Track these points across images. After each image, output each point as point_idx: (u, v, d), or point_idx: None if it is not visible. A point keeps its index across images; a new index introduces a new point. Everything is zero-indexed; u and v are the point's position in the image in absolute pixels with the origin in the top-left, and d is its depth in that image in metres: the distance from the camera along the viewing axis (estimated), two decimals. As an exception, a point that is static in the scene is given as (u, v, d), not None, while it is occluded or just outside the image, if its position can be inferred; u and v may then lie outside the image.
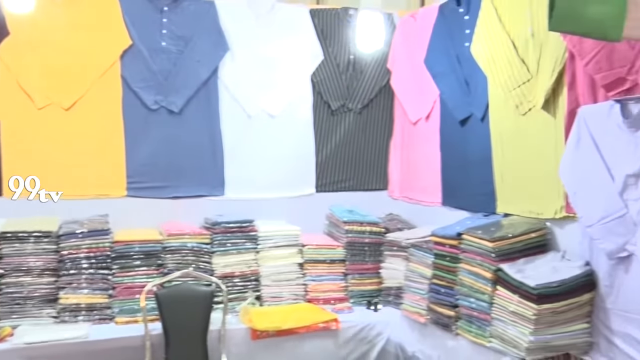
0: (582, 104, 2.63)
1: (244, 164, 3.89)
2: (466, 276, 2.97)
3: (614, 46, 2.40)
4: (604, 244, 2.49)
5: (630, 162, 2.38)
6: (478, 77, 3.25)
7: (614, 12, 1.84)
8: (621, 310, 2.45)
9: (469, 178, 3.43)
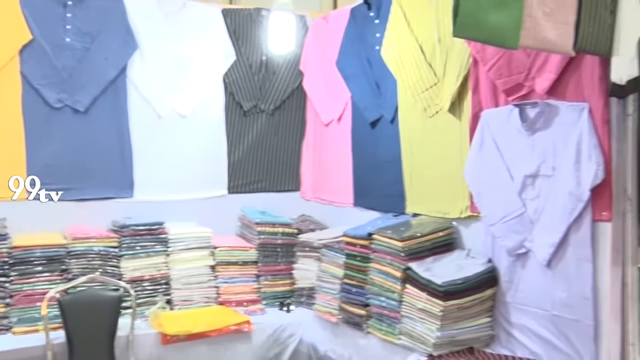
0: (484, 107, 2.75)
1: (154, 165, 3.79)
2: (377, 275, 3.03)
3: (512, 53, 2.52)
4: (504, 242, 2.62)
5: (527, 164, 2.51)
6: (388, 79, 3.33)
7: (511, 22, 1.94)
8: (519, 303, 2.59)
9: (380, 179, 3.50)
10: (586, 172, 2.30)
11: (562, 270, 2.41)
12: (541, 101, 2.46)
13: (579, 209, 2.33)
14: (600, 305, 2.28)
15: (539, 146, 2.48)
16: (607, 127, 2.26)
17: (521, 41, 1.99)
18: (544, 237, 2.46)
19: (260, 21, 4.04)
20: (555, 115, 2.42)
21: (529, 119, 2.51)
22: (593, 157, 2.28)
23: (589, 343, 2.30)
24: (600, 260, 2.28)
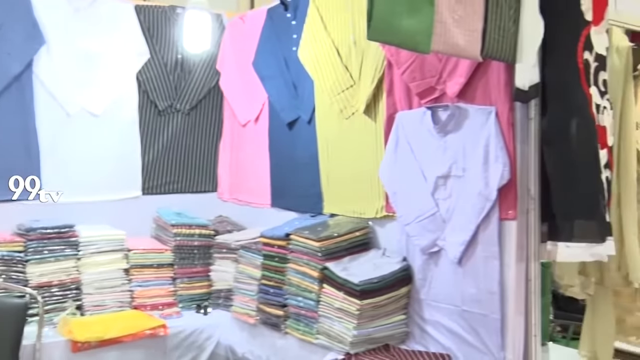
0: (399, 109, 2.82)
1: (63, 165, 3.63)
2: (294, 276, 3.04)
3: (425, 58, 2.59)
4: (418, 241, 2.70)
5: (439, 165, 2.60)
6: (305, 80, 3.34)
7: (423, 27, 2.00)
8: (432, 300, 2.67)
9: (297, 180, 3.51)
10: (493, 173, 2.40)
11: (471, 267, 2.50)
12: (452, 104, 2.54)
13: (487, 208, 2.43)
14: (506, 300, 2.38)
15: (450, 148, 2.57)
16: (512, 129, 2.37)
17: (432, 46, 2.05)
18: (455, 235, 2.55)
19: (175, 19, 3.96)
20: (465, 118, 2.51)
21: (440, 122, 2.60)
22: (500, 158, 2.38)
23: (495, 336, 2.40)
24: (506, 257, 2.39)
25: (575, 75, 2.20)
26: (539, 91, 2.25)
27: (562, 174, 2.22)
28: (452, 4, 2.09)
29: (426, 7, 2.02)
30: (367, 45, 2.94)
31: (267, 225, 3.39)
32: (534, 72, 2.22)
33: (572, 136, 2.21)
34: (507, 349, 2.38)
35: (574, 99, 2.22)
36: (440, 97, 2.62)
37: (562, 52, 2.22)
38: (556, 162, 2.24)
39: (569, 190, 2.23)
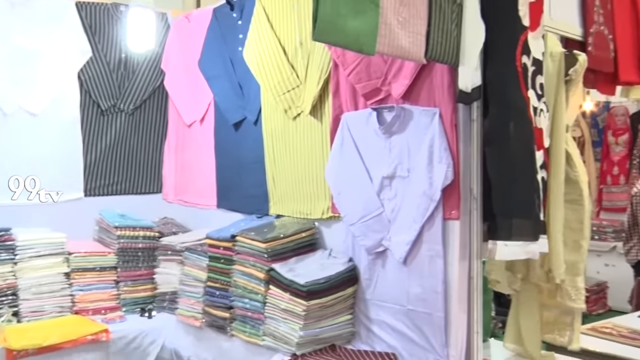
0: (345, 110, 2.84)
1: (0, 166, 3.52)
2: (240, 277, 3.02)
3: (370, 59, 2.62)
4: (364, 241, 2.72)
5: (385, 165, 2.62)
6: (251, 81, 3.32)
7: (368, 28, 2.02)
8: (378, 300, 2.69)
9: (243, 180, 3.49)
10: (438, 174, 2.44)
11: (416, 266, 2.54)
12: (397, 105, 2.57)
13: (432, 208, 2.47)
14: (449, 298, 2.42)
15: (395, 148, 2.60)
16: (455, 131, 2.42)
17: (377, 47, 2.07)
18: (400, 235, 2.58)
19: (119, 17, 3.88)
20: (410, 119, 2.55)
21: (386, 123, 2.62)
22: (443, 159, 2.42)
23: (439, 334, 2.44)
24: (449, 256, 2.43)
25: (514, 78, 2.27)
26: (481, 93, 2.30)
27: (502, 174, 2.28)
28: (396, 6, 2.12)
29: (371, 9, 2.04)
30: (313, 46, 2.95)
31: (213, 227, 3.35)
32: (476, 74, 2.27)
33: (511, 137, 2.27)
34: (450, 346, 2.42)
35: (513, 101, 2.28)
36: (386, 98, 2.65)
37: (502, 56, 2.27)
38: (496, 162, 2.29)
39: (508, 190, 2.28)
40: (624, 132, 7.71)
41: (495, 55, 2.29)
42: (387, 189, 2.63)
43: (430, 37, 2.20)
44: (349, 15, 2.01)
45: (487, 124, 2.32)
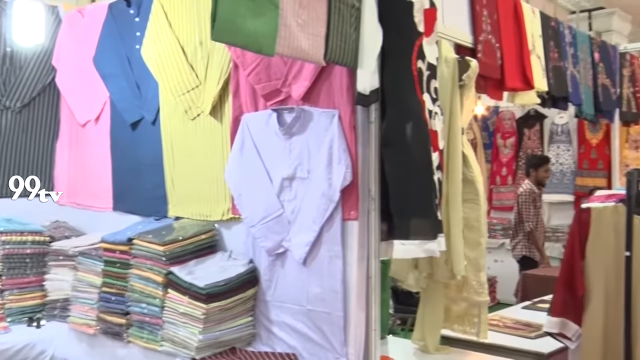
0: (245, 111, 2.82)
1: None
2: (137, 282, 2.93)
3: (271, 60, 2.62)
4: (264, 242, 2.71)
5: (285, 166, 2.63)
6: (149, 80, 3.23)
7: (268, 29, 2.02)
8: (278, 301, 2.69)
9: (141, 182, 3.38)
10: (337, 175, 2.47)
11: (316, 267, 2.56)
12: (297, 107, 2.59)
13: (331, 209, 2.50)
14: (348, 298, 2.47)
15: (295, 150, 2.61)
16: (354, 132, 2.47)
17: (277, 49, 2.08)
18: (300, 236, 2.59)
19: (4, 8, 3.65)
20: (310, 121, 2.57)
21: (286, 124, 2.63)
22: (343, 160, 2.46)
23: (339, 333, 2.47)
24: (348, 256, 2.48)
25: (410, 82, 2.34)
26: (379, 96, 2.36)
27: (399, 175, 2.35)
28: (296, 8, 2.13)
29: (270, 11, 2.05)
30: (213, 46, 2.91)
31: (108, 230, 3.23)
32: (374, 77, 2.33)
33: (408, 139, 2.34)
34: (349, 345, 2.46)
35: (410, 104, 2.36)
36: (286, 99, 2.66)
37: (398, 60, 2.35)
38: (394, 164, 2.36)
39: (405, 191, 2.35)
40: (511, 135, 8.18)
41: (392, 59, 2.36)
42: (287, 190, 2.64)
43: (330, 39, 2.23)
44: (248, 16, 2.00)
45: (385, 126, 2.38)
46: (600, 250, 2.84)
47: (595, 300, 2.82)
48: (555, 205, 7.74)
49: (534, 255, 6.49)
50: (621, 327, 2.74)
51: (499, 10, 3.28)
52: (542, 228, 6.77)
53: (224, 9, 1.94)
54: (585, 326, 2.84)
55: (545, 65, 3.63)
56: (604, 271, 2.82)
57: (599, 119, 4.62)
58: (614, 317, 2.78)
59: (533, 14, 3.62)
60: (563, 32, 3.95)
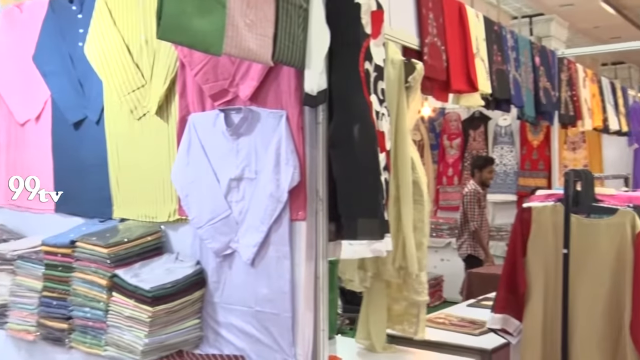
0: (192, 111, 2.78)
1: None
2: (80, 285, 2.85)
3: (218, 60, 2.60)
4: (211, 244, 2.69)
5: (232, 167, 2.61)
6: (93, 78, 3.15)
7: (215, 29, 2.00)
8: (226, 303, 2.67)
9: (84, 183, 3.30)
10: (285, 175, 2.47)
11: (264, 268, 2.56)
12: (244, 107, 2.58)
13: (279, 209, 2.50)
14: (296, 298, 2.47)
15: (243, 150, 2.60)
16: (302, 133, 2.47)
17: (224, 48, 2.07)
18: (248, 237, 2.58)
19: (-63, 2, 3.50)
20: (257, 121, 2.56)
21: (233, 124, 2.62)
22: (290, 161, 2.46)
23: (287, 333, 2.47)
24: (296, 256, 2.48)
25: (357, 83, 2.36)
26: (327, 97, 2.37)
27: (347, 176, 2.37)
28: (243, 8, 2.13)
29: (217, 9, 2.03)
30: (159, 45, 2.86)
31: (50, 233, 3.14)
32: (322, 78, 2.34)
33: (355, 140, 2.36)
34: (298, 345, 2.46)
35: (357, 105, 2.38)
36: (234, 99, 2.64)
37: (345, 61, 2.36)
38: (341, 164, 2.37)
39: (353, 191, 2.38)
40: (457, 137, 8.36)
41: (340, 60, 2.38)
42: (235, 191, 2.63)
43: (277, 39, 2.23)
44: (194, 14, 1.98)
45: (332, 127, 2.40)
46: (540, 248, 2.94)
47: (535, 297, 2.92)
48: (499, 205, 7.95)
49: (479, 254, 6.66)
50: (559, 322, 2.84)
51: (445, 14, 3.35)
52: (487, 227, 6.95)
53: (170, 7, 1.92)
54: (526, 321, 2.94)
55: (489, 68, 3.72)
56: (543, 268, 2.92)
57: (540, 121, 4.77)
58: (552, 312, 2.88)
59: (477, 18, 3.71)
60: (505, 36, 4.06)
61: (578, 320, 2.81)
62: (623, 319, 2.72)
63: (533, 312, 2.90)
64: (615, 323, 2.75)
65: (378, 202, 2.42)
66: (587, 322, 2.80)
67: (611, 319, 2.76)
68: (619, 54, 17.26)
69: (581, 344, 2.80)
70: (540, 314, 2.88)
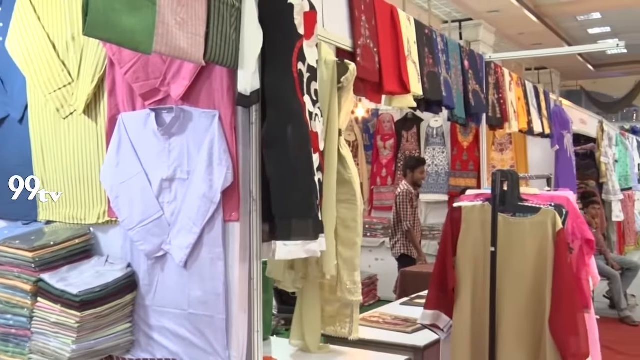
0: (122, 110, 2.72)
1: None
2: (3, 292, 2.73)
3: (149, 58, 2.54)
4: (143, 246, 2.63)
5: (164, 167, 2.57)
6: (16, 75, 3.02)
7: (145, 26, 1.96)
8: (158, 306, 2.62)
9: (7, 184, 3.16)
10: (217, 176, 2.45)
11: (197, 269, 2.52)
12: (176, 107, 2.53)
13: (212, 210, 2.47)
14: (230, 300, 2.45)
15: (175, 150, 2.56)
16: (235, 133, 2.45)
17: (155, 47, 2.03)
18: (180, 239, 2.54)
19: None
20: (190, 121, 2.52)
21: (165, 124, 2.57)
22: (223, 161, 2.44)
23: (221, 336, 2.45)
24: (230, 257, 2.46)
25: (290, 83, 2.37)
26: (260, 97, 2.37)
27: (280, 177, 2.37)
28: (174, 6, 2.09)
29: (147, 7, 1.99)
30: (87, 42, 2.78)
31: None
32: (255, 78, 2.33)
33: (288, 141, 2.36)
34: (232, 347, 2.44)
35: (290, 105, 2.38)
36: (165, 99, 2.60)
37: (279, 62, 2.36)
38: (275, 165, 2.37)
39: (287, 192, 2.38)
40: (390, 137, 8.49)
41: (273, 60, 2.37)
42: (167, 192, 2.58)
43: (209, 39, 2.21)
44: (123, 11, 1.93)
45: (266, 128, 2.39)
46: (470, 246, 3.02)
47: (464, 293, 3.00)
48: (431, 205, 8.13)
49: (412, 253, 6.78)
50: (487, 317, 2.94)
51: (377, 16, 3.40)
52: (419, 227, 7.09)
53: (97, 3, 1.86)
54: (456, 317, 3.02)
55: (421, 71, 3.80)
56: (472, 266, 3.01)
57: (469, 122, 4.91)
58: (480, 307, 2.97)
59: (409, 21, 3.78)
60: (436, 39, 4.16)
61: (504, 315, 2.91)
62: (544, 314, 2.83)
63: (462, 308, 2.99)
64: (538, 318, 2.86)
65: (312, 203, 2.43)
66: (512, 317, 2.91)
67: (534, 315, 2.88)
68: (542, 60, 18.09)
69: (507, 339, 2.91)
70: (469, 310, 2.97)
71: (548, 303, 2.82)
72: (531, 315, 2.87)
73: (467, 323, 2.96)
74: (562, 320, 2.79)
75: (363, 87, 3.26)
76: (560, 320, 2.78)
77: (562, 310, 2.78)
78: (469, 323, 2.96)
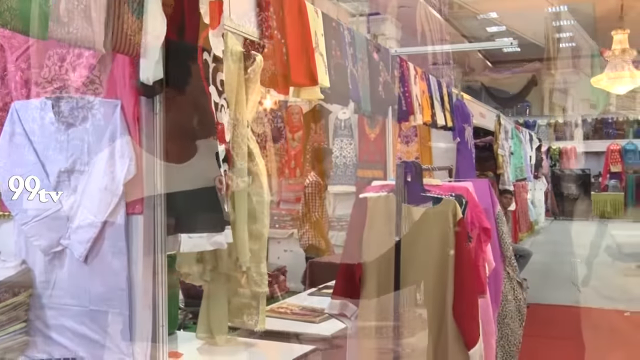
0: (15, 99, 2.58)
1: None
2: None
3: (45, 44, 2.43)
4: (39, 241, 2.51)
5: (62, 159, 2.46)
6: None
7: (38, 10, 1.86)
8: (57, 303, 2.51)
9: None
10: (120, 168, 2.36)
11: (99, 264, 2.43)
12: (76, 96, 2.43)
13: (114, 203, 2.39)
14: (134, 295, 2.38)
15: (73, 141, 2.45)
16: (138, 124, 2.38)
17: (50, 33, 1.93)
18: (80, 233, 2.44)
19: None
20: (89, 111, 2.42)
21: (63, 114, 2.45)
22: (126, 153, 2.36)
23: (125, 332, 2.38)
24: (133, 251, 2.39)
25: (195, 73, 2.32)
26: (164, 87, 2.30)
27: (185, 168, 2.32)
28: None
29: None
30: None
31: None
32: (158, 67, 2.26)
33: (194, 132, 2.32)
34: (136, 343, 2.38)
35: (196, 96, 2.34)
36: (63, 87, 2.48)
37: (183, 51, 2.31)
38: (180, 156, 2.32)
39: (192, 184, 2.33)
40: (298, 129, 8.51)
41: (177, 49, 2.32)
42: (66, 184, 2.47)
43: (110, 26, 2.12)
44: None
45: (171, 118, 2.33)
46: (375, 236, 3.09)
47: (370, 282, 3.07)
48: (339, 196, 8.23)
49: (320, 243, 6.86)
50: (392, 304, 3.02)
51: (285, 8, 3.39)
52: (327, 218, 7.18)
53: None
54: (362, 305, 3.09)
55: (328, 63, 3.83)
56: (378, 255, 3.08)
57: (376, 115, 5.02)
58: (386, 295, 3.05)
59: (316, 14, 3.80)
60: (343, 32, 4.21)
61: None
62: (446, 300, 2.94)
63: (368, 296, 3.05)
64: (441, 305, 2.97)
65: (216, 195, 2.40)
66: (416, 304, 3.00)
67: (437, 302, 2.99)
68: (446, 55, 18.71)
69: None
70: (375, 298, 3.04)
71: (450, 290, 2.93)
72: (434, 302, 2.98)
73: (372, 311, 3.03)
74: (464, 306, 2.91)
75: (270, 78, 3.25)
76: (462, 307, 2.91)
77: (464, 297, 2.91)
78: (374, 311, 3.03)
